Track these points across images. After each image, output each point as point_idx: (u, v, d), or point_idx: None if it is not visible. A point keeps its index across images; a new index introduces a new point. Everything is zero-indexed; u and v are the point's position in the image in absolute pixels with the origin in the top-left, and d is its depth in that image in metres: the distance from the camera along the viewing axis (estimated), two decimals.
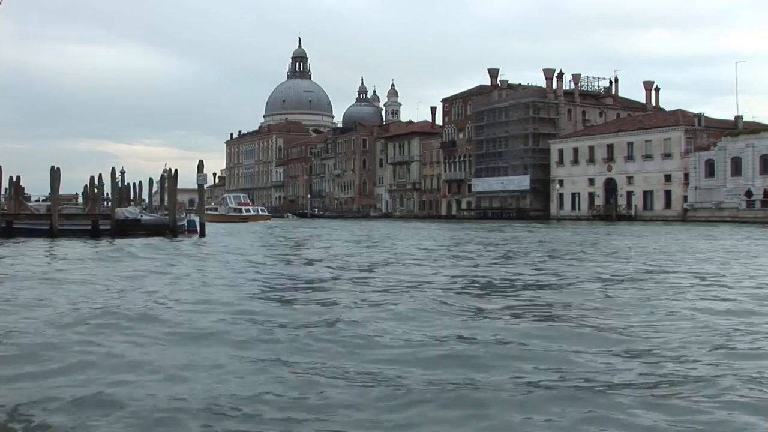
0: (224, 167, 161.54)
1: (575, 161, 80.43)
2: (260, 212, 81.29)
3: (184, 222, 38.22)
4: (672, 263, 18.83)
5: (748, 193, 60.96)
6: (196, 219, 38.60)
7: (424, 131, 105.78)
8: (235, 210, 77.46)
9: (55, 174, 34.33)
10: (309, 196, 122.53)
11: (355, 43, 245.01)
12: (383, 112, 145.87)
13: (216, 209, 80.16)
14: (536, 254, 22.41)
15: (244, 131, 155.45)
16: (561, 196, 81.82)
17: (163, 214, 39.64)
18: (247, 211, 77.96)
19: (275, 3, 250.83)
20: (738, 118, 74.22)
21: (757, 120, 73.97)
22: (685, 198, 68.59)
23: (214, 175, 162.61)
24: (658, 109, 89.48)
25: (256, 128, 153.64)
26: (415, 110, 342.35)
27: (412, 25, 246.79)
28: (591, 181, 78.58)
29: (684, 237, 34.50)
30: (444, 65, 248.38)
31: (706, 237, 34.35)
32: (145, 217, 38.51)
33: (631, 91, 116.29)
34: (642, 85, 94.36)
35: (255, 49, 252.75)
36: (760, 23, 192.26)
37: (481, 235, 37.60)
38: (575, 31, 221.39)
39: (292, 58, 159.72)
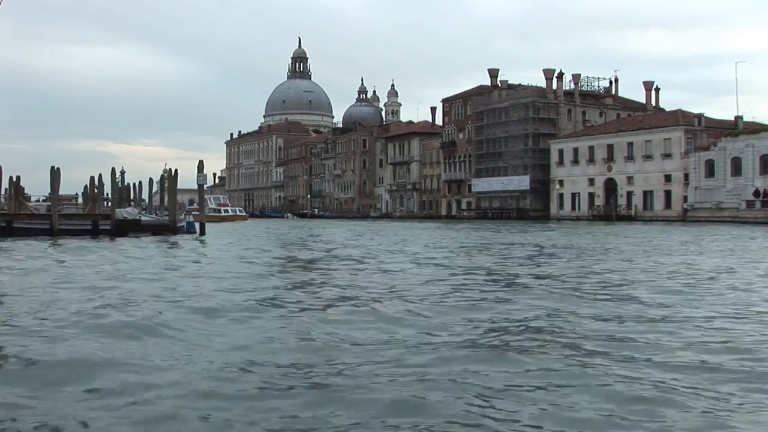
0: (224, 167, 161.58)
1: (575, 161, 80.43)
2: (238, 212, 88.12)
3: (183, 223, 38.26)
4: None
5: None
6: (196, 223, 38.54)
7: (424, 131, 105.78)
8: (214, 210, 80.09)
9: (55, 174, 34.32)
10: (309, 196, 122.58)
11: (354, 44, 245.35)
12: (383, 113, 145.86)
13: (197, 209, 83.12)
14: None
15: (244, 131, 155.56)
16: (561, 196, 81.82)
17: (164, 215, 39.69)
18: (225, 211, 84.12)
19: (275, 4, 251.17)
20: (738, 118, 74.22)
21: (757, 120, 74.03)
22: (685, 198, 68.58)
23: (214, 175, 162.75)
24: (658, 109, 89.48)
25: (256, 128, 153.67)
26: (415, 110, 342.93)
27: (412, 25, 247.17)
28: (591, 181, 78.58)
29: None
30: (443, 66, 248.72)
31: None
32: (144, 218, 38.53)
33: (631, 91, 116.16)
34: (641, 85, 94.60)
35: (255, 50, 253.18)
36: (759, 23, 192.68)
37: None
38: (573, 31, 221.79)
39: (292, 58, 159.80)
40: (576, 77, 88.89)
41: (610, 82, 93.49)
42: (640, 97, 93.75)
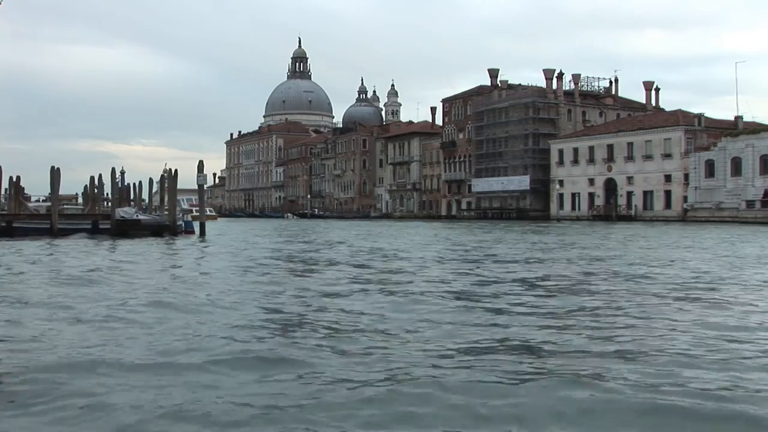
0: (224, 167, 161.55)
1: (575, 161, 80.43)
2: (208, 212, 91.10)
3: (181, 222, 38.26)
4: None
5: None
6: (194, 223, 38.61)
7: (424, 131, 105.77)
8: (187, 210, 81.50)
9: (55, 174, 34.34)
10: (309, 196, 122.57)
11: (354, 44, 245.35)
12: (383, 113, 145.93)
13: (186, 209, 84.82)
14: None
15: (244, 131, 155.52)
16: (561, 196, 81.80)
17: (163, 214, 39.69)
18: (197, 211, 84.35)
19: (274, 4, 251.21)
20: (738, 118, 74.21)
21: (757, 120, 74.02)
22: (685, 198, 68.59)
23: (214, 175, 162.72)
24: (658, 109, 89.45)
25: (256, 128, 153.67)
26: (415, 110, 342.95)
27: (411, 26, 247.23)
28: (591, 182, 78.57)
29: None
30: (443, 66, 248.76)
31: None
32: (142, 217, 38.50)
33: (629, 91, 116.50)
34: (640, 85, 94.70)
35: (254, 50, 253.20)
36: (756, 24, 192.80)
37: None
38: (570, 31, 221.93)
39: (292, 58, 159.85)
40: (576, 77, 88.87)
41: (610, 82, 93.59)
42: (640, 97, 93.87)
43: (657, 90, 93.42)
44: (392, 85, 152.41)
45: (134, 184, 48.46)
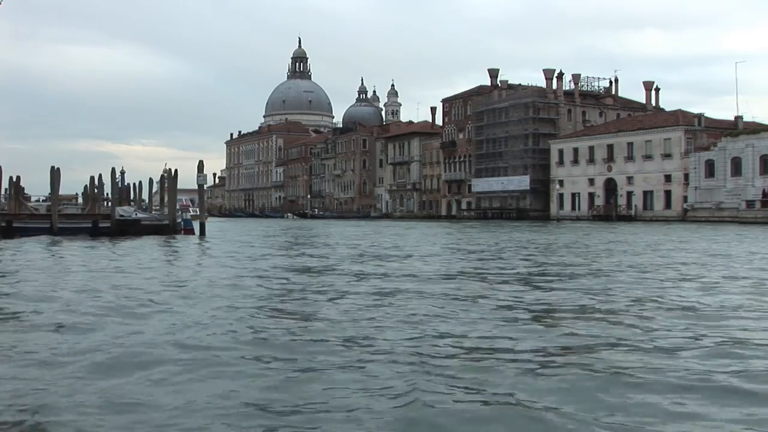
0: (224, 167, 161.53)
1: (575, 161, 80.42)
2: (197, 213, 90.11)
3: (180, 221, 38.27)
4: None
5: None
6: (194, 222, 38.66)
7: (424, 131, 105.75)
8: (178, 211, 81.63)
9: (55, 174, 34.35)
10: (309, 196, 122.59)
11: (354, 45, 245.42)
12: (383, 113, 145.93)
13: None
14: None
15: (244, 131, 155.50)
16: (561, 196, 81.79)
17: (162, 214, 39.71)
18: (186, 211, 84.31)
19: (273, 5, 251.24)
20: (738, 118, 74.22)
21: (757, 120, 74.03)
22: (685, 198, 68.58)
23: (214, 175, 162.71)
24: (658, 109, 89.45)
25: (256, 128, 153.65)
26: (415, 110, 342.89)
27: (411, 26, 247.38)
28: (591, 182, 78.56)
29: None
30: (443, 66, 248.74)
31: None
32: (141, 216, 38.50)
33: (629, 91, 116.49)
34: (640, 85, 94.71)
35: (254, 51, 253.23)
36: (756, 24, 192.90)
37: None
38: (569, 32, 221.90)
39: (292, 58, 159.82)
40: (576, 77, 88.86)
41: (610, 82, 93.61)
42: (640, 97, 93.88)
43: (657, 90, 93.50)
44: (392, 85, 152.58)
45: (134, 184, 48.58)
